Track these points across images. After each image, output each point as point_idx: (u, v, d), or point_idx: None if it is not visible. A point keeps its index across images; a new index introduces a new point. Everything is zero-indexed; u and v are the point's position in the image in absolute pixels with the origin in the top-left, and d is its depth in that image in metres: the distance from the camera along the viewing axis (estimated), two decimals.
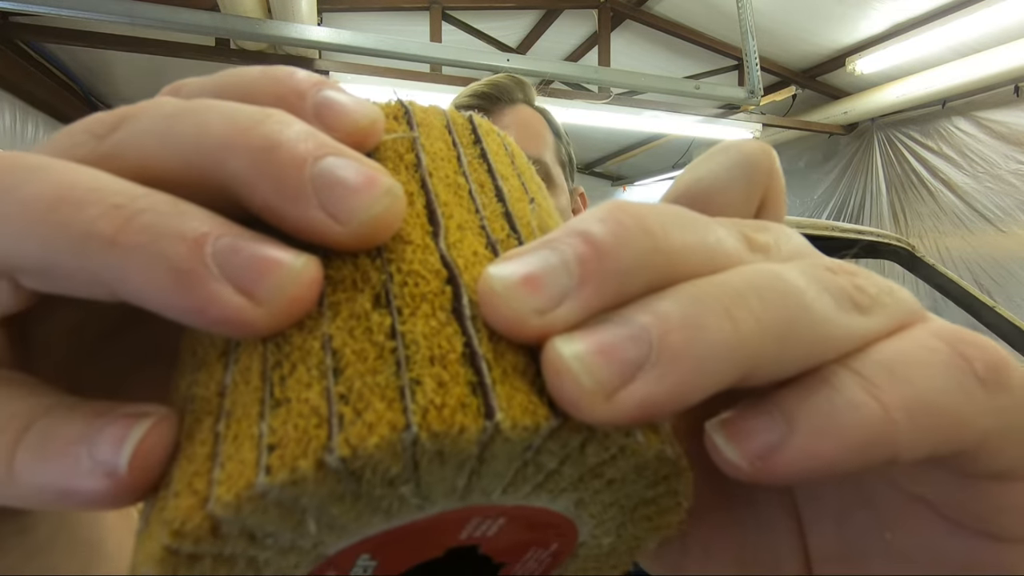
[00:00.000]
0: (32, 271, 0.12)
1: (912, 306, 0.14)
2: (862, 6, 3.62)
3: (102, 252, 0.11)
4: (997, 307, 2.11)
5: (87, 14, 2.55)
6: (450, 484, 0.12)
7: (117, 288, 0.11)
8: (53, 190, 0.11)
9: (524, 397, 0.11)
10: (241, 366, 0.12)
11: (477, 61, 3.29)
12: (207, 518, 0.10)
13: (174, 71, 4.12)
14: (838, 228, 2.29)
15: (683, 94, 3.72)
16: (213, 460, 0.11)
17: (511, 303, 0.11)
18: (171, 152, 0.13)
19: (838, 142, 4.88)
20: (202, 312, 0.11)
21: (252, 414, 0.11)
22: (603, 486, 0.13)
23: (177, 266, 0.11)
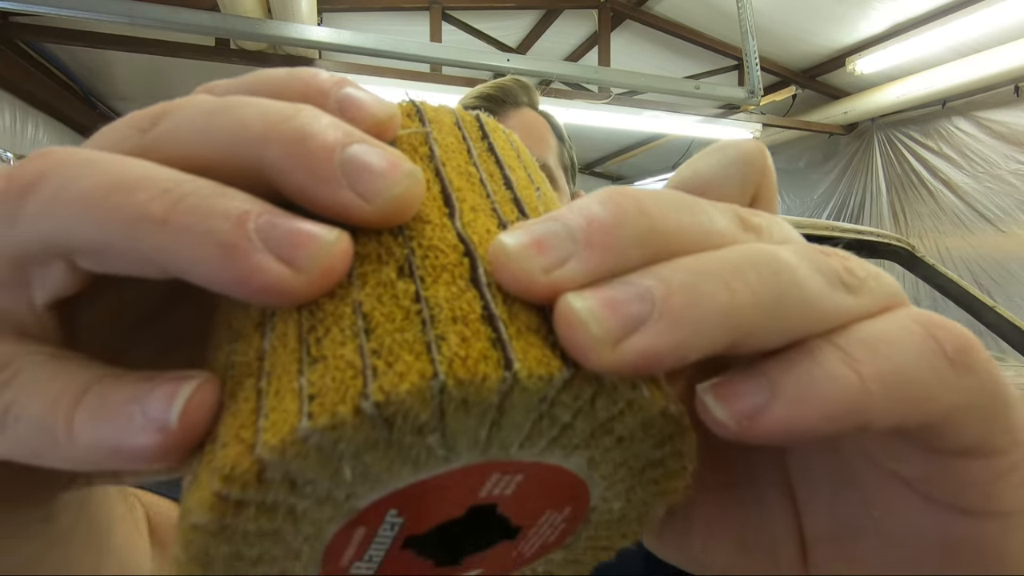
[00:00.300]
0: (89, 252, 0.13)
1: (895, 291, 0.15)
2: (862, 6, 3.62)
3: (154, 232, 0.12)
4: (997, 307, 2.10)
5: (87, 14, 2.55)
6: (473, 435, 0.13)
7: (168, 264, 0.12)
8: (107, 179, 0.13)
9: (538, 351, 0.12)
10: (278, 332, 0.13)
11: (477, 61, 3.29)
12: (254, 463, 0.11)
13: (174, 71, 4.12)
14: (838, 228, 2.28)
15: (683, 94, 3.72)
16: (258, 412, 0.12)
17: (520, 263, 0.13)
18: (211, 144, 0.14)
19: (838, 142, 4.88)
20: (246, 281, 0.12)
21: (292, 371, 0.12)
22: (613, 444, 0.14)
23: (223, 240, 0.12)
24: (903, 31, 3.67)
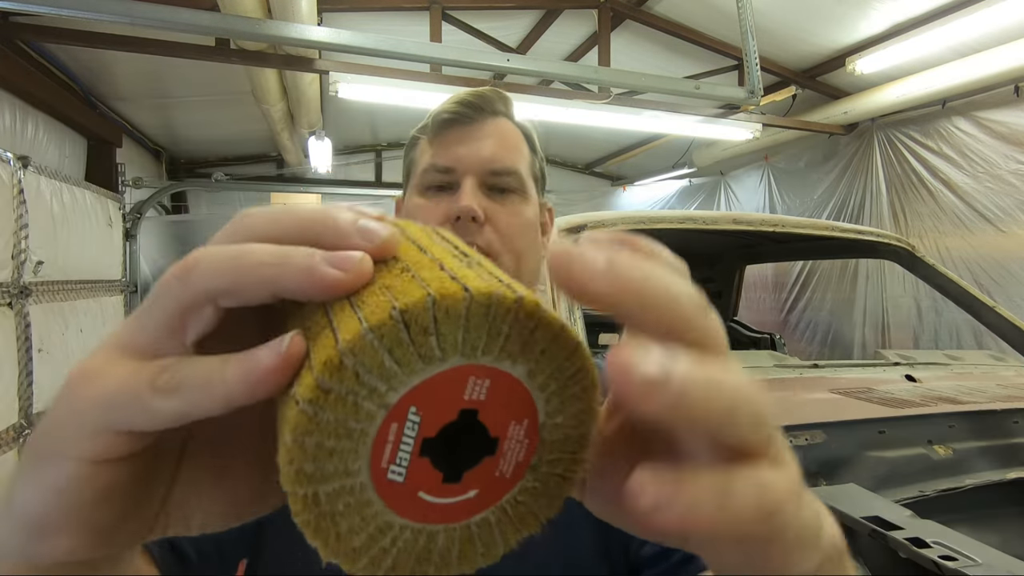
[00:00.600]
0: (230, 292, 0.21)
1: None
2: (862, 6, 3.62)
3: (268, 270, 0.21)
4: (997, 307, 2.11)
5: (87, 14, 2.55)
6: (453, 338, 0.20)
7: (276, 288, 0.21)
8: (235, 250, 0.22)
9: (483, 284, 0.20)
10: (335, 308, 0.21)
11: (477, 61, 3.29)
12: (337, 353, 0.19)
13: (174, 71, 4.12)
14: (838, 228, 2.29)
15: (683, 94, 3.72)
16: (334, 334, 0.20)
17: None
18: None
19: (838, 142, 4.89)
20: (322, 282, 0.21)
21: (349, 315, 0.20)
22: (539, 355, 0.21)
23: (307, 264, 0.21)
24: (903, 31, 3.67)
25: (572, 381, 0.22)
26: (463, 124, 0.69)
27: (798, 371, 1.70)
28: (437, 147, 0.70)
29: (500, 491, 0.23)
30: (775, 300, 5.35)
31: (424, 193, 0.70)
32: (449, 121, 0.69)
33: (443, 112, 0.69)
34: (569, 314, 1.74)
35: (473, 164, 0.68)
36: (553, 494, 0.24)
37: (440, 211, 0.67)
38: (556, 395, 0.22)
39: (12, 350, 2.67)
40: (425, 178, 0.70)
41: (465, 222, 0.65)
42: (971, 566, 0.75)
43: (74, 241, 3.36)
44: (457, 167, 0.68)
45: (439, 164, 0.69)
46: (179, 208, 6.16)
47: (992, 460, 1.23)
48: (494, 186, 0.69)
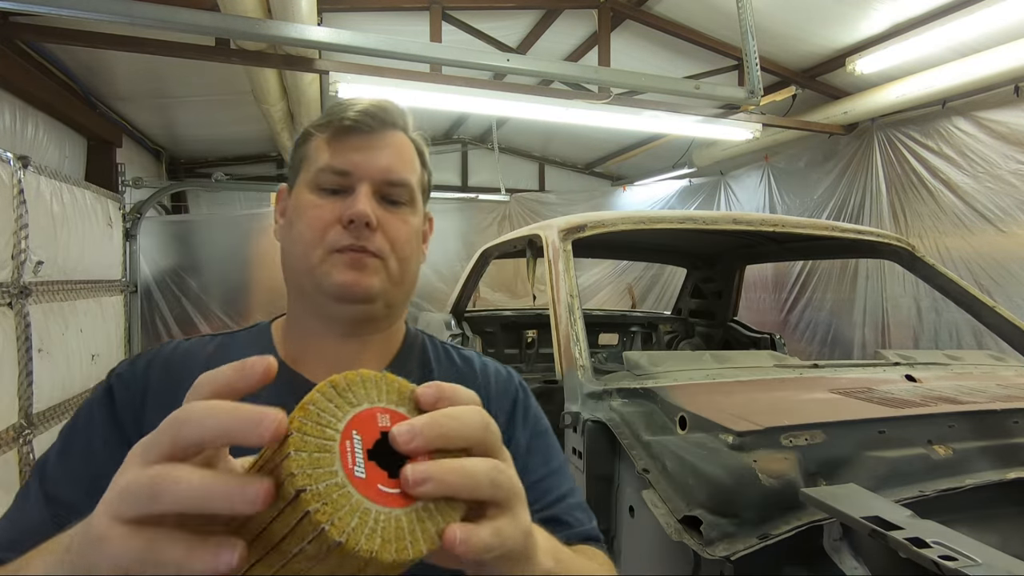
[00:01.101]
0: (214, 441, 0.34)
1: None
2: (862, 6, 3.63)
3: (232, 429, 0.33)
4: (997, 307, 2.11)
5: (87, 14, 2.55)
6: (362, 393, 0.36)
7: (236, 439, 0.33)
8: (209, 409, 0.35)
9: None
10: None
11: (477, 61, 3.29)
12: (306, 404, 0.35)
13: (174, 71, 4.12)
14: (838, 228, 2.29)
15: (683, 94, 3.72)
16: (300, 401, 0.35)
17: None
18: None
19: (838, 142, 4.89)
20: (264, 433, 0.33)
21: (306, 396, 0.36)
22: (408, 400, 0.38)
23: (256, 418, 0.33)
24: (903, 31, 3.67)
25: None
26: (363, 132, 0.72)
27: (798, 371, 1.70)
28: (336, 150, 0.72)
29: None
30: (775, 300, 5.35)
31: (318, 192, 0.72)
32: (350, 128, 0.71)
33: (345, 118, 0.71)
34: (569, 314, 1.74)
35: (370, 172, 0.71)
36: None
37: (334, 211, 0.70)
38: None
39: (12, 350, 2.67)
40: (320, 177, 0.72)
41: (359, 226, 0.69)
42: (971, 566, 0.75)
43: (74, 241, 3.36)
44: (354, 172, 0.71)
45: (336, 166, 0.71)
46: (179, 208, 6.17)
47: (992, 460, 1.23)
48: (387, 196, 0.73)
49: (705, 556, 1.01)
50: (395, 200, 0.73)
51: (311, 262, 0.71)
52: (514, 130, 6.94)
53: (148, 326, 4.69)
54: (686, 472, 1.14)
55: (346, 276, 0.70)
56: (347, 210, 0.69)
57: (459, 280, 3.36)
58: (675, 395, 1.42)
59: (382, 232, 0.71)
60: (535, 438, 0.80)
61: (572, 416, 1.50)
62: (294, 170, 0.77)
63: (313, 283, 0.71)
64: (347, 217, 0.69)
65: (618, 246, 3.66)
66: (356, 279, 0.70)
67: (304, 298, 0.74)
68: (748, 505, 1.06)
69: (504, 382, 0.84)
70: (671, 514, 1.11)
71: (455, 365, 0.84)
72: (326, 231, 0.70)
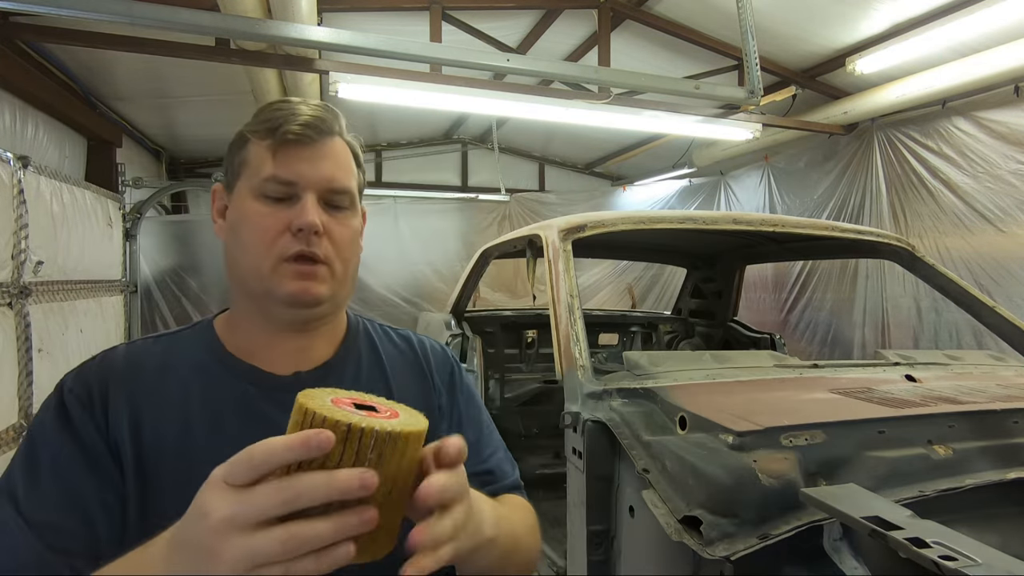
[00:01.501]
0: (289, 461, 0.47)
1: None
2: (862, 6, 3.63)
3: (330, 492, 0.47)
4: (997, 307, 2.11)
5: (87, 14, 2.55)
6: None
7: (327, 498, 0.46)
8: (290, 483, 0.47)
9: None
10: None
11: (477, 61, 3.29)
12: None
13: (174, 71, 4.12)
14: (838, 228, 2.29)
15: (683, 94, 3.72)
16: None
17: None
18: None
19: (838, 142, 4.89)
20: (352, 490, 0.46)
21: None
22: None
23: (347, 487, 0.46)
24: (903, 31, 3.67)
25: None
26: (306, 143, 0.77)
27: (798, 371, 1.70)
28: (281, 161, 0.76)
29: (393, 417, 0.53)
30: (775, 300, 5.35)
31: (263, 200, 0.77)
32: (294, 141, 0.76)
33: (289, 132, 0.76)
34: (569, 314, 1.74)
35: (314, 181, 0.77)
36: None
37: (282, 220, 0.76)
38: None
39: (12, 350, 2.67)
40: (266, 186, 0.76)
41: (307, 234, 0.75)
42: (971, 566, 0.75)
43: (74, 241, 3.36)
44: (299, 182, 0.76)
45: (282, 177, 0.76)
46: (179, 208, 6.17)
47: (992, 460, 1.23)
48: (330, 202, 0.79)
49: (705, 556, 1.01)
50: (337, 205, 0.79)
51: (262, 271, 0.75)
52: (514, 130, 6.94)
53: (148, 326, 4.69)
54: (686, 472, 1.14)
55: (296, 285, 0.75)
56: (296, 219, 0.74)
57: (459, 280, 3.36)
58: (675, 395, 1.42)
59: (328, 238, 0.77)
60: (469, 406, 0.95)
61: (572, 416, 1.50)
62: (233, 174, 0.80)
63: (264, 289, 0.76)
64: (296, 226, 0.74)
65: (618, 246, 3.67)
66: (306, 287, 0.76)
67: (253, 300, 0.79)
68: (748, 505, 1.06)
69: (440, 356, 0.96)
70: (671, 514, 1.11)
71: (396, 345, 0.94)
72: (275, 240, 0.75)
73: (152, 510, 0.70)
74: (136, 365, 0.78)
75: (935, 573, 0.77)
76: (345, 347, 0.87)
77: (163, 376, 0.77)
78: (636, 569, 1.33)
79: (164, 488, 0.71)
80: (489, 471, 0.90)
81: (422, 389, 0.90)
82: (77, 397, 0.73)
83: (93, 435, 0.72)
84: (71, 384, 0.75)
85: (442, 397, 0.92)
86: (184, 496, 0.54)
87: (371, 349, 0.90)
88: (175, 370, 0.78)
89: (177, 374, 0.78)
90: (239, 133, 0.81)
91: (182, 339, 0.83)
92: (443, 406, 0.91)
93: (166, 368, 0.78)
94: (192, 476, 0.57)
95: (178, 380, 0.77)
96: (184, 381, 0.77)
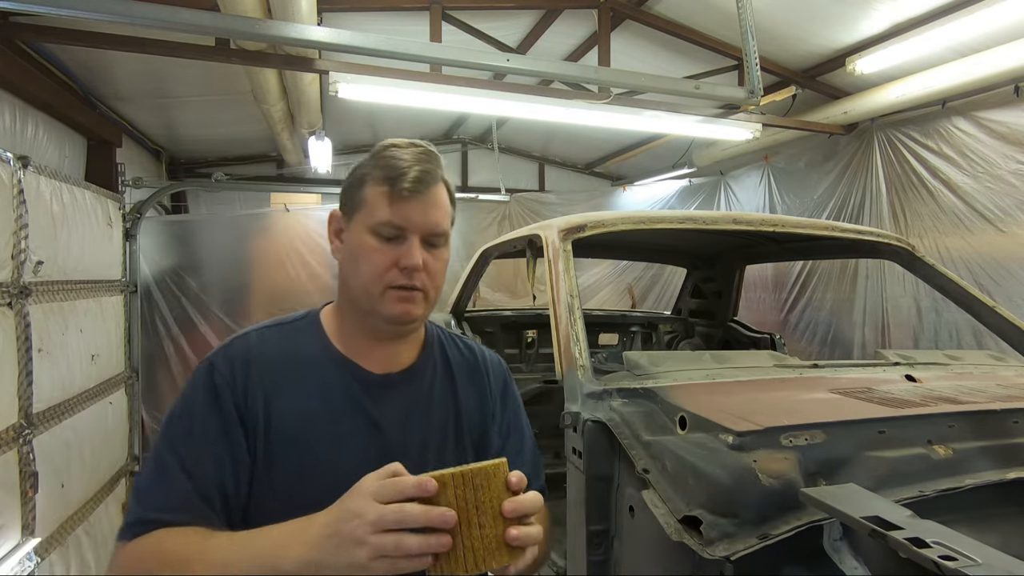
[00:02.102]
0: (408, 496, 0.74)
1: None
2: (862, 6, 3.62)
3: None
4: (997, 307, 2.11)
5: (87, 14, 2.55)
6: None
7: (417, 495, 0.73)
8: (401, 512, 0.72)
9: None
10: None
11: (477, 61, 3.28)
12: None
13: (174, 71, 4.12)
14: (838, 228, 2.29)
15: (683, 94, 3.72)
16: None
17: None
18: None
19: (838, 142, 4.89)
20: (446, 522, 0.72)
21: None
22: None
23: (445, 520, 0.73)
24: (903, 31, 3.67)
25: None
26: (416, 196, 0.95)
27: (798, 371, 1.70)
28: (395, 210, 0.94)
29: None
30: (775, 300, 5.35)
31: (377, 237, 0.95)
32: (407, 194, 0.94)
33: (403, 189, 0.94)
34: (569, 314, 1.74)
35: (419, 227, 0.96)
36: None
37: (391, 256, 0.95)
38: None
39: (12, 350, 2.67)
40: (381, 228, 0.95)
41: (411, 271, 0.94)
42: (971, 566, 0.75)
43: (74, 241, 3.36)
44: (408, 227, 0.95)
45: (395, 223, 0.95)
46: (179, 208, 6.16)
47: (992, 460, 1.23)
48: (430, 242, 0.97)
49: (705, 556, 1.01)
50: (434, 244, 0.98)
51: (372, 294, 0.96)
52: (514, 130, 6.94)
53: (148, 326, 4.69)
54: (686, 472, 1.14)
55: (399, 308, 0.96)
56: (403, 258, 0.94)
57: (459, 280, 3.36)
58: (675, 395, 1.42)
59: (427, 272, 0.97)
60: (516, 415, 1.15)
61: (572, 416, 1.50)
62: (351, 206, 0.99)
63: (371, 307, 0.97)
64: (403, 264, 0.94)
65: (618, 246, 3.67)
66: (406, 310, 0.97)
67: (360, 313, 1.00)
68: (748, 505, 1.06)
69: (497, 367, 1.16)
70: (671, 514, 1.11)
71: (462, 352, 1.13)
72: (384, 272, 0.95)
73: (276, 471, 0.92)
74: (266, 352, 0.98)
75: (935, 573, 0.77)
76: (425, 353, 1.08)
77: (287, 363, 0.97)
78: (636, 569, 1.33)
79: (287, 454, 0.92)
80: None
81: (480, 393, 1.10)
82: (222, 375, 0.93)
83: (231, 408, 0.91)
84: (219, 364, 0.95)
85: (496, 404, 1.12)
86: (300, 462, 0.92)
87: (443, 355, 1.10)
88: (295, 359, 0.98)
89: (297, 362, 0.98)
90: (359, 172, 0.99)
91: (297, 330, 1.03)
92: (496, 412, 1.11)
93: (288, 356, 0.98)
94: (310, 447, 0.93)
95: (298, 367, 0.98)
96: (303, 369, 0.98)
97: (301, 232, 5.30)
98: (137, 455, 4.37)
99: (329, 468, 0.91)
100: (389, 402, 1.00)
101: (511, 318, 3.51)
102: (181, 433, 0.90)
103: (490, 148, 7.02)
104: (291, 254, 5.27)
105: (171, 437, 0.90)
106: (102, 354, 3.73)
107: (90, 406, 3.50)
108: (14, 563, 2.51)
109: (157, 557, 0.80)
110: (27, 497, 2.70)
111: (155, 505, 0.85)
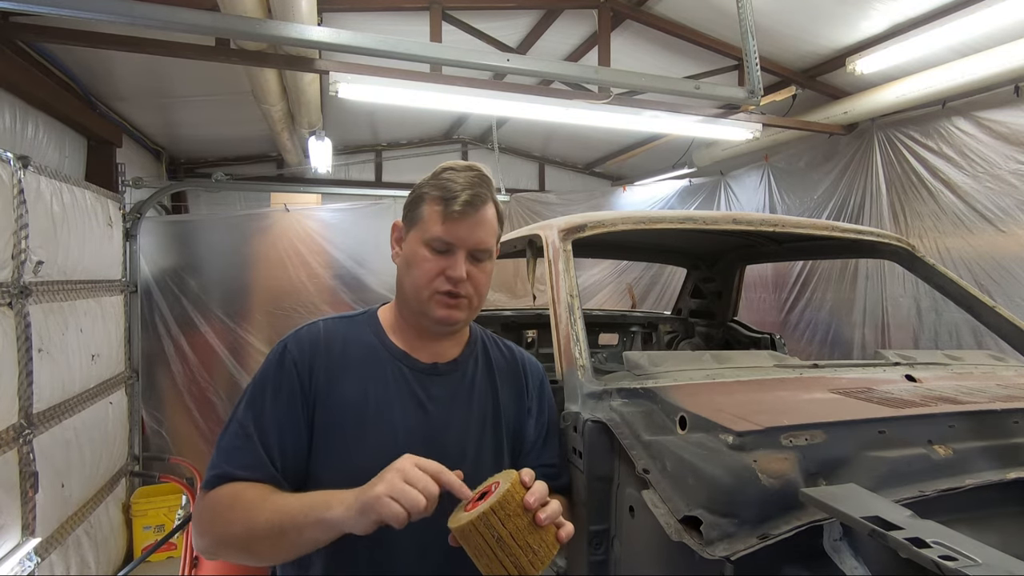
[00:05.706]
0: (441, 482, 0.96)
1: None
2: (862, 6, 3.63)
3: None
4: (997, 307, 2.11)
5: (87, 14, 2.55)
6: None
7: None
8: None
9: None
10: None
11: (477, 61, 3.28)
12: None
13: (174, 71, 4.12)
14: (838, 228, 2.29)
15: (683, 94, 3.72)
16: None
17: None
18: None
19: (838, 142, 4.88)
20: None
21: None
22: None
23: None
24: (903, 31, 3.67)
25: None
26: (466, 216, 1.12)
27: (798, 371, 1.70)
28: (447, 226, 1.12)
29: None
30: (775, 300, 5.35)
31: (429, 249, 1.13)
32: (458, 216, 1.12)
33: (455, 211, 1.12)
34: (569, 314, 1.74)
35: (467, 244, 1.13)
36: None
37: (440, 267, 1.13)
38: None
39: (12, 350, 2.67)
40: (433, 242, 1.13)
41: (456, 281, 1.12)
42: (971, 566, 0.75)
43: (74, 241, 3.36)
44: (457, 244, 1.13)
45: (446, 239, 1.12)
46: (179, 208, 6.17)
47: (992, 460, 1.22)
48: (475, 256, 1.15)
49: (705, 556, 1.01)
50: (479, 258, 1.16)
51: (421, 297, 1.14)
52: (514, 130, 6.94)
53: (148, 326, 4.68)
54: (686, 472, 1.14)
55: (444, 312, 1.14)
56: (450, 270, 1.12)
57: None
58: (675, 395, 1.42)
59: (471, 282, 1.14)
60: (550, 413, 1.32)
61: (572, 416, 1.50)
62: (410, 219, 1.18)
63: (421, 309, 1.15)
64: (449, 275, 1.12)
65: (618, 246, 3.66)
66: (451, 314, 1.14)
67: (412, 313, 1.18)
68: (748, 505, 1.06)
69: (534, 367, 1.34)
70: (671, 514, 1.11)
71: (503, 352, 1.31)
72: (433, 279, 1.13)
73: (332, 439, 1.08)
74: (331, 339, 1.15)
75: (935, 573, 0.77)
76: (468, 349, 1.25)
77: (348, 349, 1.15)
78: (636, 569, 1.33)
79: (342, 427, 1.09)
80: (552, 465, 1.30)
81: (516, 390, 1.28)
82: (292, 357, 1.11)
83: (296, 387, 1.09)
84: (291, 347, 1.13)
85: (532, 401, 1.29)
86: (353, 434, 1.08)
87: (484, 353, 1.27)
88: (356, 346, 1.16)
89: (358, 350, 1.15)
90: (419, 190, 1.17)
91: (358, 323, 1.21)
92: (531, 409, 1.28)
93: (349, 344, 1.16)
94: (363, 422, 1.09)
95: (358, 354, 1.15)
96: (362, 356, 1.15)
97: (301, 232, 5.29)
98: (137, 455, 4.36)
99: (377, 440, 1.09)
100: (435, 387, 1.17)
101: (511, 318, 3.51)
102: (259, 402, 1.08)
103: (490, 148, 7.02)
104: (291, 254, 5.26)
105: (250, 405, 1.08)
106: (102, 354, 3.73)
107: (90, 406, 3.51)
108: (14, 563, 2.51)
109: (233, 501, 1.01)
110: (27, 497, 2.70)
111: (236, 464, 1.04)
